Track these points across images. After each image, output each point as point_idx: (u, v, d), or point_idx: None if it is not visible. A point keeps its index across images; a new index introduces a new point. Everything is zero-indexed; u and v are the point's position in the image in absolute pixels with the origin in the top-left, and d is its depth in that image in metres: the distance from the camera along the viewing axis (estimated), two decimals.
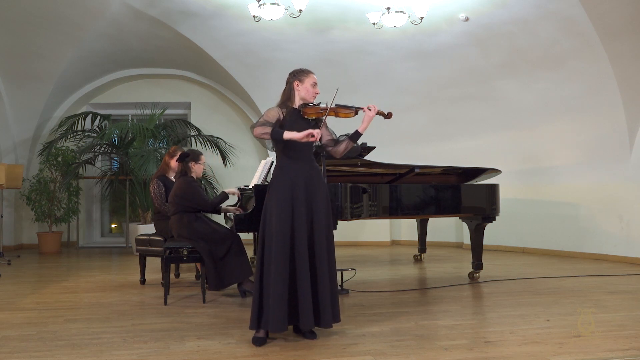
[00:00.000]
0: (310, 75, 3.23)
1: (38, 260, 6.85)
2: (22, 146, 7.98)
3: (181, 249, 4.20)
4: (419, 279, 5.27)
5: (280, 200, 3.09)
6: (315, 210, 3.12)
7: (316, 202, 3.13)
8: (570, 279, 5.06)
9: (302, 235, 3.06)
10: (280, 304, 2.98)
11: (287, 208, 3.08)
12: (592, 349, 2.85)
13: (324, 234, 3.12)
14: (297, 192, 3.10)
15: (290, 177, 3.13)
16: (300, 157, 3.17)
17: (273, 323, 2.97)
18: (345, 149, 3.25)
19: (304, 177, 3.14)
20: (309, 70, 3.27)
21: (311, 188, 3.14)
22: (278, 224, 3.05)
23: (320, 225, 3.11)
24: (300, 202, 3.09)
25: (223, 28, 6.91)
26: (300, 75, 3.22)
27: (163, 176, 5.03)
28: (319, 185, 3.18)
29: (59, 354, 2.85)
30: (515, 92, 6.97)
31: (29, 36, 6.76)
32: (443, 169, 5.30)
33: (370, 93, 7.53)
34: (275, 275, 2.99)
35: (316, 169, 3.23)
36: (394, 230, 8.31)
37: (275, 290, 2.98)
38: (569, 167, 6.77)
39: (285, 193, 3.10)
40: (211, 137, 8.00)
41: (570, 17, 5.77)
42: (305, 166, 3.17)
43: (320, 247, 3.08)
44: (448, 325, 3.40)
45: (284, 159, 3.18)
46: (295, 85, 3.20)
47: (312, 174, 3.18)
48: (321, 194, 3.17)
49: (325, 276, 3.06)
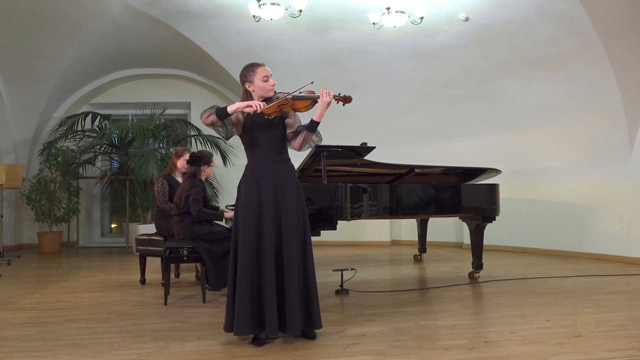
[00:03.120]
0: (257, 71, 3.02)
1: (38, 260, 6.85)
2: (22, 146, 7.98)
3: (181, 249, 4.20)
4: (419, 279, 5.27)
5: (247, 201, 2.99)
6: (285, 213, 2.99)
7: (285, 203, 3.00)
8: (570, 279, 5.06)
9: (269, 237, 2.94)
10: (245, 308, 2.90)
11: (253, 209, 2.97)
12: (592, 349, 2.85)
13: (295, 236, 2.98)
14: (264, 192, 2.98)
15: (256, 177, 3.01)
16: (268, 155, 3.03)
17: (237, 327, 2.91)
18: (305, 142, 3.06)
19: (272, 177, 3.01)
20: (256, 63, 3.06)
21: (280, 188, 3.01)
22: (243, 226, 2.95)
23: (290, 227, 2.97)
24: (267, 203, 2.97)
25: (223, 28, 6.91)
26: (248, 75, 3.04)
27: (169, 175, 5.07)
28: (289, 185, 3.04)
29: (59, 354, 2.86)
30: (515, 92, 6.97)
31: (29, 36, 6.76)
32: (443, 169, 5.30)
33: (370, 93, 7.53)
34: (240, 279, 2.92)
35: (288, 168, 3.08)
36: (394, 230, 8.31)
37: (240, 294, 2.91)
38: (569, 167, 6.77)
39: (251, 193, 2.99)
40: (211, 137, 7.99)
41: (570, 17, 5.77)
42: (274, 165, 3.04)
43: (290, 250, 2.95)
44: (448, 325, 3.40)
45: (251, 158, 3.07)
46: (247, 87, 3.05)
47: (281, 172, 3.04)
48: (291, 194, 3.02)
49: (293, 280, 2.93)
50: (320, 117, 3.01)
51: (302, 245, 3.03)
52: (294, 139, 3.09)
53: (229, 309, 2.99)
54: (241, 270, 2.93)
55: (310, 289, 3.02)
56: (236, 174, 7.95)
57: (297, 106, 2.99)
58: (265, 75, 3.02)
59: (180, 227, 4.30)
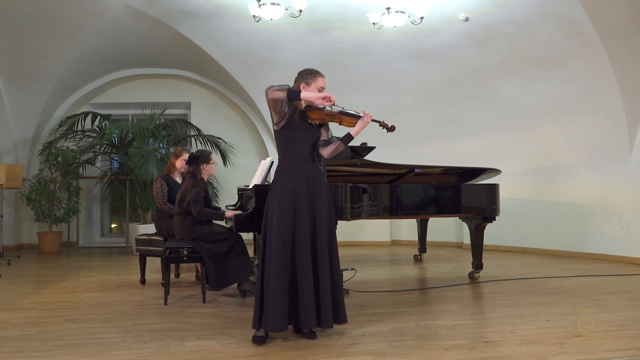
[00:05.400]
0: (317, 79, 3.16)
1: (38, 260, 6.85)
2: (22, 146, 7.98)
3: (181, 249, 4.20)
4: (419, 279, 5.27)
5: (282, 201, 3.08)
6: (317, 212, 3.11)
7: (318, 203, 3.12)
8: (570, 279, 5.06)
9: (304, 237, 3.05)
10: (280, 305, 2.98)
11: (289, 210, 3.07)
12: (592, 349, 2.85)
13: (325, 236, 3.11)
14: (299, 194, 3.09)
15: (291, 179, 3.12)
16: (301, 158, 3.15)
17: (272, 323, 2.97)
18: (334, 151, 3.20)
19: (306, 179, 3.13)
20: (318, 72, 3.20)
21: (313, 189, 3.13)
22: (279, 226, 3.04)
23: (322, 227, 3.11)
24: (302, 204, 3.08)
25: (223, 28, 6.91)
26: (308, 78, 3.16)
27: (167, 176, 5.06)
28: (321, 186, 3.17)
29: (59, 354, 2.86)
30: (515, 92, 6.97)
31: (29, 36, 6.76)
32: (443, 169, 5.30)
33: (370, 93, 7.53)
34: (275, 276, 2.99)
35: (318, 170, 3.22)
36: (394, 230, 8.31)
37: (275, 291, 2.98)
38: (569, 167, 6.77)
39: (286, 195, 3.09)
40: (211, 137, 8.00)
41: (570, 17, 5.77)
42: (307, 167, 3.16)
43: (322, 249, 3.08)
44: (448, 325, 3.40)
45: (286, 160, 3.17)
46: (302, 87, 3.15)
47: (314, 175, 3.17)
48: (323, 195, 3.16)
49: (326, 277, 3.05)
50: (356, 134, 3.16)
51: (330, 243, 3.14)
52: (325, 147, 3.23)
53: (257, 307, 3.05)
54: (276, 269, 3.00)
55: (337, 286, 3.14)
56: (236, 174, 8.10)
57: (342, 119, 3.16)
58: (322, 86, 3.16)
59: (181, 227, 4.30)
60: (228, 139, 8.25)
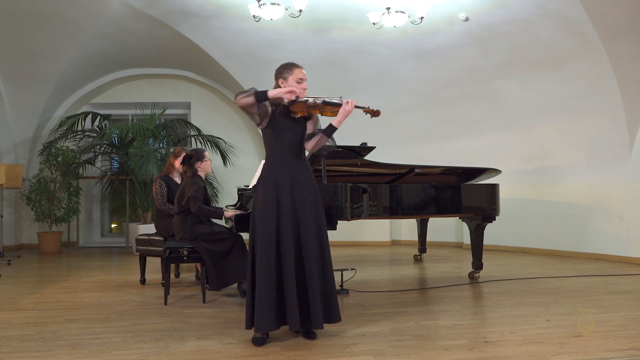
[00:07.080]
0: (294, 71, 3.11)
1: (38, 260, 6.85)
2: (22, 146, 7.98)
3: (181, 249, 4.20)
4: (419, 279, 5.27)
5: (265, 200, 3.05)
6: (302, 211, 3.06)
7: (302, 202, 3.07)
8: (570, 279, 5.06)
9: (288, 236, 3.01)
10: (266, 305, 2.95)
11: (271, 209, 3.03)
12: (592, 349, 2.85)
13: (314, 234, 3.05)
14: (282, 192, 3.05)
15: (274, 176, 3.08)
16: (286, 155, 3.11)
17: (259, 324, 2.96)
18: (317, 144, 3.15)
19: (290, 176, 3.08)
20: (294, 64, 3.16)
21: (297, 188, 3.08)
22: (262, 225, 3.02)
23: (307, 225, 3.05)
24: (285, 202, 3.04)
25: (223, 28, 6.91)
26: (284, 73, 3.13)
27: (167, 176, 5.06)
28: (307, 184, 3.11)
29: (59, 354, 2.86)
30: (515, 92, 6.97)
31: (29, 36, 6.76)
32: (443, 169, 5.30)
33: (370, 93, 7.52)
34: (261, 277, 2.97)
35: (305, 168, 3.16)
36: (394, 230, 8.31)
37: (261, 291, 2.96)
38: (569, 167, 6.77)
39: (269, 193, 3.06)
40: (211, 137, 8.00)
41: (570, 17, 5.77)
42: (292, 164, 3.11)
43: (309, 248, 3.02)
44: (448, 325, 3.40)
45: (271, 158, 3.14)
46: (280, 83, 3.13)
47: (299, 172, 3.11)
48: (308, 193, 3.10)
49: (314, 277, 3.00)
50: (339, 124, 3.10)
51: (320, 242, 3.09)
52: (308, 140, 3.17)
53: (248, 307, 3.05)
54: (260, 270, 2.98)
55: (329, 285, 3.10)
56: (236, 174, 8.11)
57: (326, 110, 3.09)
58: (300, 77, 3.12)
59: (182, 227, 4.30)
60: (228, 139, 8.25)
